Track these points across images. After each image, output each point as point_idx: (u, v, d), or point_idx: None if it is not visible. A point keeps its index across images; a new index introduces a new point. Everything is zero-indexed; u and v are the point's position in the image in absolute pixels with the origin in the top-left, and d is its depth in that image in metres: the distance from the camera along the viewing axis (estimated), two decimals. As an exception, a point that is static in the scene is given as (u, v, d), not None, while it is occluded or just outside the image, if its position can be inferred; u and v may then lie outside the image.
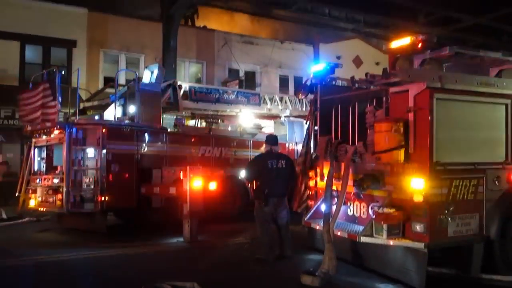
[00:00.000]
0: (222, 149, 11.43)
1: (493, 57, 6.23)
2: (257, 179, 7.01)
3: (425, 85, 5.24)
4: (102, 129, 9.12)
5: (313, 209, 6.90)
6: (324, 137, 6.84)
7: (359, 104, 6.48)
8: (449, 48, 5.65)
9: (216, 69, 21.15)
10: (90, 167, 9.17)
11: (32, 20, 16.91)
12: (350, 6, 19.58)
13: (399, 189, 5.56)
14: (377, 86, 5.81)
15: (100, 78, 18.44)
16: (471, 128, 5.66)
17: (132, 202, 9.44)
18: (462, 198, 5.45)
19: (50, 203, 9.37)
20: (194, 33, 20.78)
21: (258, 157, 7.43)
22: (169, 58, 17.27)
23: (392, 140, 5.35)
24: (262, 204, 6.85)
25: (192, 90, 12.34)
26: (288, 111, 14.44)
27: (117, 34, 18.64)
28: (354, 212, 6.38)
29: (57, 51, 17.82)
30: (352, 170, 6.20)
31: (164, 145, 10.27)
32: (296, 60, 22.43)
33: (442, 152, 5.33)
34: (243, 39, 21.91)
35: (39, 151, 10.31)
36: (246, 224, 9.47)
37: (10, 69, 16.75)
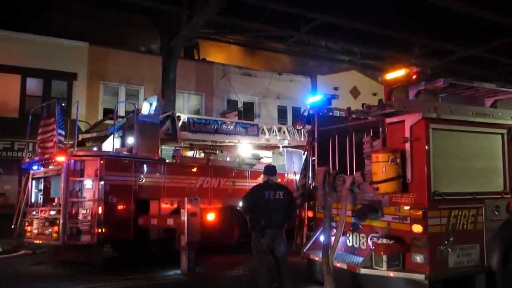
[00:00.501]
0: (220, 180, 11.40)
1: (487, 88, 6.32)
2: (254, 210, 6.94)
3: (420, 115, 5.29)
4: (100, 160, 9.12)
5: (312, 240, 6.82)
6: (322, 168, 6.84)
7: (356, 134, 6.52)
8: (443, 80, 5.75)
9: (215, 100, 21.37)
10: (88, 199, 9.12)
11: (33, 53, 17.20)
12: (346, 38, 19.98)
13: (398, 220, 5.53)
14: (374, 116, 5.87)
15: (100, 110, 18.59)
16: (468, 158, 5.69)
17: (129, 234, 9.33)
18: (461, 228, 5.42)
19: (46, 236, 9.27)
20: (193, 65, 21.11)
21: (255, 187, 7.38)
22: (168, 90, 17.49)
23: (390, 170, 5.36)
24: (259, 235, 6.77)
25: (190, 121, 12.43)
26: (286, 141, 14.51)
27: (117, 67, 18.93)
28: (353, 243, 6.31)
29: (57, 84, 18.04)
30: (351, 200, 6.18)
31: (162, 176, 10.24)
32: (294, 91, 22.73)
33: (440, 182, 5.34)
34: (242, 71, 22.25)
35: (36, 182, 10.28)
36: (244, 255, 9.34)
37: (11, 102, 16.90)
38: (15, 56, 16.86)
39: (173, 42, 17.36)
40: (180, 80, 18.60)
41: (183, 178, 10.73)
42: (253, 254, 6.90)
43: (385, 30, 18.16)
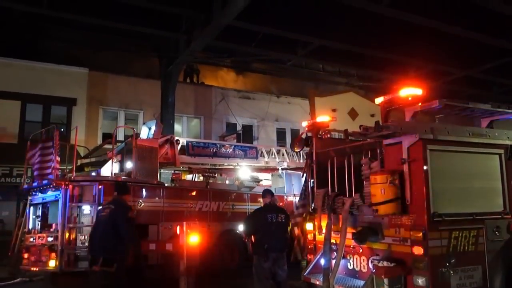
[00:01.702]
0: (219, 203, 11.33)
1: (482, 108, 6.37)
2: (256, 233, 6.89)
3: (417, 136, 5.32)
4: (99, 185, 9.09)
5: (312, 263, 6.75)
6: (321, 190, 6.83)
7: (355, 156, 6.54)
8: (439, 101, 5.80)
9: (214, 123, 21.45)
10: (86, 224, 9.05)
11: (33, 80, 17.35)
12: (343, 61, 20.21)
13: (398, 242, 5.49)
14: (371, 138, 5.89)
15: (99, 134, 18.63)
16: (467, 178, 5.69)
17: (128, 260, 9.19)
18: (463, 249, 5.37)
19: (43, 263, 9.14)
20: (192, 89, 21.28)
21: (257, 211, 7.34)
22: (167, 114, 17.58)
23: (388, 192, 5.35)
24: (262, 259, 6.69)
25: (189, 144, 12.44)
26: (285, 163, 14.49)
27: (117, 91, 19.07)
28: (354, 266, 6.25)
29: (57, 109, 18.11)
30: (350, 222, 6.14)
31: (161, 200, 10.19)
32: (292, 113, 22.85)
33: (439, 203, 5.32)
34: (240, 94, 22.42)
35: (34, 209, 10.21)
36: (244, 280, 9.22)
37: (10, 127, 16.95)
38: (15, 83, 17.00)
39: (172, 67, 17.55)
40: (179, 104, 18.72)
41: (182, 202, 10.67)
42: (254, 278, 6.82)
43: (380, 53, 18.38)
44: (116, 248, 6.50)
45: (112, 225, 6.47)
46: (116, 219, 6.60)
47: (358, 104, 24.33)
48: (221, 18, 13.71)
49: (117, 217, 6.64)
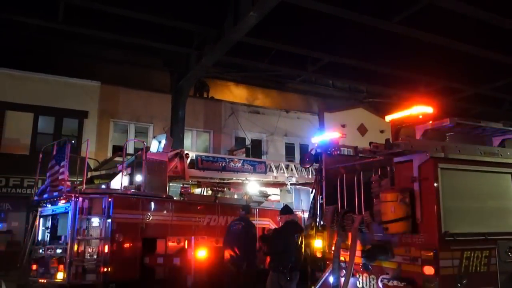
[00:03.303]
0: (228, 218, 11.27)
1: (494, 127, 6.34)
2: (283, 252, 6.81)
3: (428, 155, 5.30)
4: (108, 198, 9.12)
5: (321, 281, 6.67)
6: (330, 207, 6.79)
7: (364, 173, 6.51)
8: (450, 119, 5.79)
9: (223, 137, 21.54)
10: (94, 237, 9.06)
11: (46, 92, 17.64)
12: (352, 77, 20.28)
13: (409, 261, 5.43)
14: (381, 156, 5.88)
15: (109, 147, 18.79)
16: (478, 198, 5.64)
17: (135, 273, 9.18)
18: (475, 270, 5.30)
19: (51, 275, 9.15)
20: (202, 103, 21.45)
21: (283, 229, 7.23)
22: (177, 128, 17.71)
23: (399, 210, 5.31)
24: (284, 277, 6.60)
25: (198, 158, 12.48)
26: (294, 178, 14.45)
27: (128, 105, 19.29)
28: (363, 285, 6.16)
29: (69, 122, 18.34)
30: (360, 240, 6.09)
31: (170, 213, 10.18)
32: (301, 128, 22.89)
33: (451, 222, 5.27)
34: (250, 109, 22.54)
35: (44, 220, 10.25)
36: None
37: (22, 139, 17.17)
38: (28, 95, 17.28)
39: (183, 81, 17.75)
40: (188, 118, 18.86)
41: (191, 216, 10.64)
42: None
43: (390, 69, 18.42)
44: (245, 256, 7.39)
45: (244, 238, 7.27)
46: (247, 233, 7.46)
47: (368, 120, 24.39)
48: (232, 34, 13.88)
49: (247, 232, 7.52)
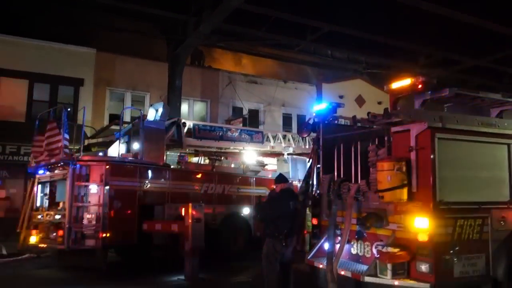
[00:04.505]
0: (225, 186, 11.41)
1: (493, 98, 6.33)
2: (277, 219, 6.91)
3: (426, 125, 5.31)
4: (106, 165, 9.16)
5: (316, 247, 6.80)
6: (327, 176, 6.85)
7: (362, 142, 6.53)
8: (449, 90, 5.76)
9: (220, 107, 21.45)
10: (92, 203, 9.15)
11: (41, 59, 17.38)
12: (352, 48, 20.04)
13: (403, 228, 5.52)
14: (379, 125, 5.88)
15: (106, 115, 18.70)
16: (474, 168, 5.68)
17: (133, 239, 9.34)
18: (467, 238, 5.39)
19: (50, 240, 9.30)
20: (199, 72, 21.23)
21: (279, 196, 7.32)
22: (174, 97, 17.58)
23: (395, 179, 5.36)
24: (279, 244, 6.72)
25: (196, 127, 12.47)
26: (291, 148, 14.51)
27: (124, 73, 19.07)
28: (358, 251, 6.29)
29: (64, 89, 18.16)
30: (356, 208, 6.17)
31: (167, 181, 10.26)
32: (299, 99, 22.79)
33: (446, 191, 5.33)
34: (247, 79, 22.34)
35: (42, 187, 10.33)
36: (247, 262, 9.36)
37: (18, 106, 17.04)
38: (23, 62, 17.03)
39: (180, 50, 17.49)
40: (185, 87, 18.70)
41: (188, 184, 10.76)
42: (263, 261, 6.86)
43: (390, 40, 18.20)
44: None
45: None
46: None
47: (366, 91, 24.19)
48: (230, 0, 13.60)
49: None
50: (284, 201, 6.97)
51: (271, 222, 6.96)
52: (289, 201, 6.89)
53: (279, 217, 6.85)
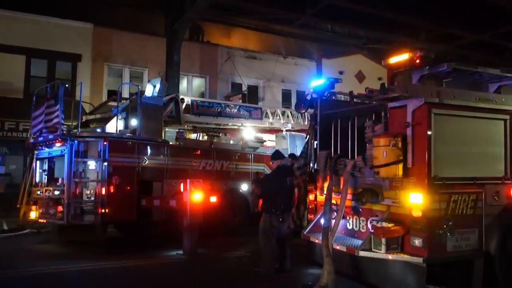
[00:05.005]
0: (223, 163, 11.44)
1: (491, 73, 6.27)
2: (274, 194, 6.97)
3: (423, 100, 5.28)
4: (104, 142, 9.17)
5: (312, 222, 6.87)
6: (324, 151, 6.86)
7: (359, 118, 6.52)
8: (447, 64, 5.69)
9: (219, 83, 21.32)
10: (91, 179, 9.21)
11: (38, 34, 17.20)
12: (352, 22, 19.74)
13: (398, 204, 5.57)
14: (376, 101, 5.85)
15: (104, 91, 18.62)
16: (470, 143, 5.68)
17: (132, 215, 9.43)
18: (461, 213, 5.44)
19: (50, 215, 9.40)
20: (198, 48, 21.01)
21: (276, 173, 7.36)
22: (172, 72, 17.45)
23: (391, 154, 5.37)
24: (276, 219, 6.80)
25: (194, 104, 12.43)
26: (290, 125, 14.50)
27: (122, 48, 18.88)
28: (353, 226, 6.36)
29: (62, 65, 18.05)
30: (351, 184, 6.20)
31: (165, 158, 10.29)
32: (299, 74, 22.62)
33: (441, 167, 5.34)
34: (246, 54, 22.13)
35: (41, 163, 10.37)
36: (245, 237, 9.49)
37: (15, 82, 16.96)
38: (20, 37, 16.87)
39: (177, 24, 17.25)
40: (184, 63, 18.54)
41: (186, 160, 10.78)
42: (260, 235, 6.97)
43: (391, 14, 17.92)
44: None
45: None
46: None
47: (366, 67, 23.97)
48: (228, -26, 13.34)
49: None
50: (281, 177, 7.02)
51: (268, 198, 7.03)
52: (286, 177, 6.95)
53: (276, 193, 6.91)
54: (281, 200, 6.83)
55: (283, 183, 6.92)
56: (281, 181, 6.95)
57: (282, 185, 6.90)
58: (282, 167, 7.23)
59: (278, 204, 6.82)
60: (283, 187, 6.90)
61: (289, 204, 6.90)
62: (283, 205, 6.82)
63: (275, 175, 7.23)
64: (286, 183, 6.92)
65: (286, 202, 6.86)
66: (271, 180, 7.25)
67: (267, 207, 6.98)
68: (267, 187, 7.17)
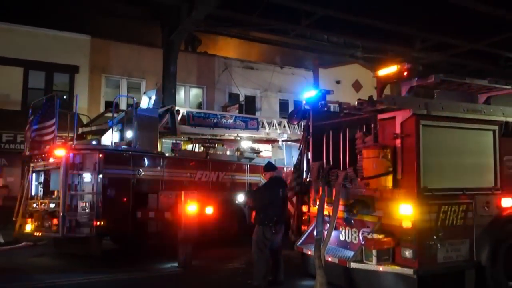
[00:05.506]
0: (219, 174, 11.46)
1: (479, 84, 6.34)
2: (267, 206, 6.99)
3: (411, 112, 5.34)
4: (99, 154, 9.19)
5: (305, 234, 6.90)
6: (316, 163, 6.91)
7: (350, 129, 6.58)
8: (435, 76, 5.78)
9: (217, 93, 21.39)
10: (86, 192, 9.21)
11: (36, 46, 17.29)
12: (347, 32, 19.89)
13: (388, 215, 5.60)
14: (365, 113, 5.91)
15: (102, 102, 18.67)
16: (459, 154, 5.74)
17: (128, 227, 9.44)
18: (451, 223, 5.48)
19: (46, 228, 9.39)
20: (195, 58, 21.13)
21: (268, 184, 7.39)
22: (169, 83, 17.54)
23: (380, 166, 5.42)
24: (269, 231, 6.81)
25: (190, 115, 12.46)
26: (286, 135, 14.52)
27: (119, 59, 18.98)
28: (346, 238, 6.39)
29: (59, 77, 18.12)
30: (343, 195, 6.24)
31: (161, 169, 10.32)
32: (295, 84, 22.67)
33: (430, 178, 5.39)
34: (243, 64, 22.24)
35: (36, 175, 10.37)
36: (240, 249, 9.47)
37: (13, 94, 17.01)
38: (18, 49, 16.94)
39: (174, 36, 17.38)
40: (181, 73, 18.64)
41: (182, 172, 10.80)
42: (253, 247, 6.96)
43: (386, 24, 18.06)
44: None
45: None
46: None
47: (363, 76, 24.17)
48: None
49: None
50: (274, 189, 7.05)
51: (261, 210, 7.05)
52: (278, 189, 6.98)
53: (268, 205, 6.93)
54: (274, 212, 6.86)
55: (275, 194, 6.95)
56: (273, 193, 6.98)
57: (275, 197, 6.94)
58: (275, 179, 7.27)
59: (271, 216, 6.84)
60: (275, 199, 6.93)
61: (282, 216, 6.92)
62: (276, 217, 6.84)
63: (268, 187, 7.26)
64: (279, 195, 6.96)
65: (279, 214, 6.88)
66: (264, 192, 7.28)
67: (260, 219, 6.99)
68: (259, 199, 7.19)
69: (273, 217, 6.82)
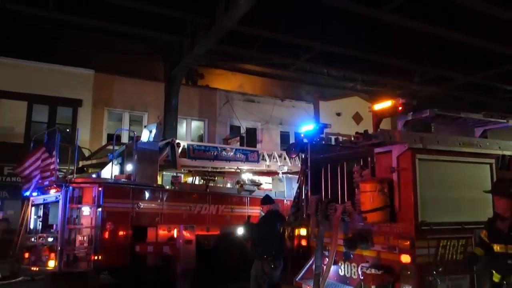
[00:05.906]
0: (219, 206, 11.41)
1: (475, 118, 6.41)
2: (265, 240, 6.94)
3: (407, 146, 5.38)
4: (98, 187, 9.21)
5: (304, 268, 6.82)
6: (314, 196, 6.90)
7: (348, 163, 6.61)
8: (429, 111, 5.85)
9: (218, 126, 21.57)
10: (85, 226, 9.16)
11: (40, 81, 17.63)
12: (347, 66, 20.24)
13: (387, 249, 5.55)
14: (362, 147, 5.96)
15: (104, 135, 18.83)
16: (456, 188, 5.73)
17: (126, 261, 9.32)
18: (451, 258, 5.42)
19: (43, 262, 9.28)
20: (197, 92, 21.45)
21: (266, 219, 7.34)
22: (170, 116, 17.74)
23: (377, 200, 5.41)
24: (268, 265, 6.73)
25: (190, 148, 12.53)
26: (286, 167, 14.54)
27: (122, 93, 19.28)
28: (345, 272, 6.31)
29: (63, 110, 18.37)
30: (342, 229, 6.21)
31: (160, 202, 10.29)
32: (296, 117, 22.86)
33: (428, 212, 5.37)
34: (245, 97, 22.54)
35: (35, 209, 10.35)
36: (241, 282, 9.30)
37: (17, 128, 17.21)
38: (22, 83, 17.27)
39: (175, 70, 17.71)
40: (183, 106, 18.87)
41: (181, 205, 10.75)
42: (252, 282, 6.86)
43: (384, 58, 18.39)
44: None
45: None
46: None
47: (363, 108, 24.34)
48: (224, 22, 13.84)
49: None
50: (272, 223, 7.02)
51: (259, 244, 6.99)
52: (276, 222, 6.95)
53: (267, 239, 6.88)
54: (272, 246, 6.79)
55: (273, 228, 6.90)
56: (271, 226, 6.94)
57: (273, 231, 6.89)
58: (272, 212, 7.24)
59: (269, 250, 6.77)
60: (273, 232, 6.88)
61: (280, 250, 6.85)
62: (274, 251, 6.77)
63: (266, 220, 7.23)
64: (277, 228, 6.91)
65: (277, 248, 6.82)
66: (262, 226, 7.24)
67: (258, 253, 6.93)
68: (257, 232, 7.15)
69: (272, 251, 6.76)
